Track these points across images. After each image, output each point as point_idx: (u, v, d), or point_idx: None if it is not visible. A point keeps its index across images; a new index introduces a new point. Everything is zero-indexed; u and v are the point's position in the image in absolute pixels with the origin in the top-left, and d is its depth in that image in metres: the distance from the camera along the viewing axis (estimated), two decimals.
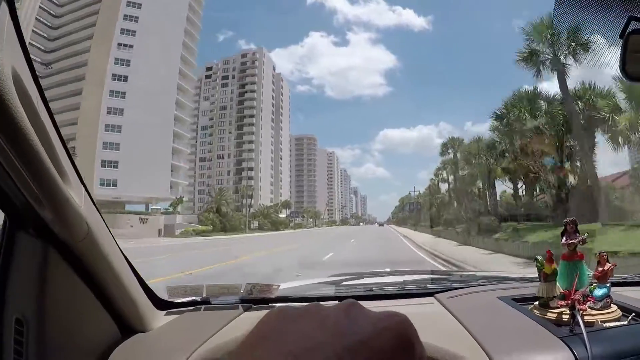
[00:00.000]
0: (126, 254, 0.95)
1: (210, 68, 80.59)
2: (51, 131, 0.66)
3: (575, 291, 0.93)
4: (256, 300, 1.22)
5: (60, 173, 0.68)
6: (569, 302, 0.91)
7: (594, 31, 0.68)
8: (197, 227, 38.71)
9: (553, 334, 0.86)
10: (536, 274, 1.12)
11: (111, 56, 43.79)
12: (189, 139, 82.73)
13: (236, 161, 74.83)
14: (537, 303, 1.01)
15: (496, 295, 1.17)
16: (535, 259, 1.01)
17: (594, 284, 0.97)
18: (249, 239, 28.02)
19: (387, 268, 4.50)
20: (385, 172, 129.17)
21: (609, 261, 0.98)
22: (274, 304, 1.20)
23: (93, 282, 0.85)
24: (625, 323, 0.89)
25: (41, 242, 0.77)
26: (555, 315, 0.94)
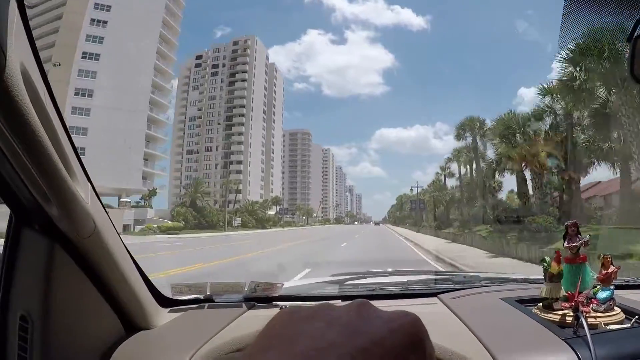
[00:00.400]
0: None
1: (200, 56, 75.36)
2: (59, 128, 0.66)
3: (578, 293, 0.94)
4: (259, 298, 1.24)
5: (67, 170, 0.68)
6: (573, 304, 0.93)
7: (603, 34, 0.70)
8: (166, 224, 33.31)
9: (557, 336, 0.88)
10: (538, 276, 1.17)
11: (82, 32, 38.01)
12: (177, 131, 76.43)
13: (224, 154, 69.71)
14: (541, 305, 1.02)
15: (499, 296, 1.19)
16: (542, 259, 1.02)
17: (598, 287, 0.99)
18: (223, 239, 24.48)
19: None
20: (381, 171, 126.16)
21: (613, 264, 1.00)
22: (278, 303, 1.23)
23: (98, 279, 0.86)
24: (628, 326, 0.92)
25: (47, 239, 0.77)
26: (558, 317, 0.95)
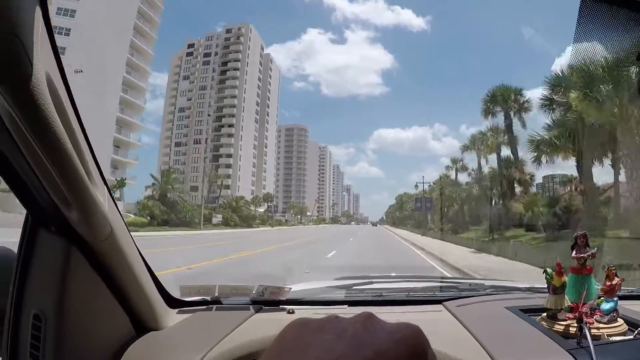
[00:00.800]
0: None
1: (192, 45, 70.71)
2: (79, 133, 0.68)
3: (582, 304, 0.97)
4: (267, 301, 1.26)
5: (87, 174, 0.70)
6: (577, 315, 0.95)
7: (612, 51, 0.68)
8: (128, 218, 28.54)
9: (560, 346, 0.90)
10: (543, 285, 1.16)
11: (54, 5, 33.23)
12: (166, 122, 71.12)
13: (214, 147, 64.99)
14: (545, 314, 1.04)
15: (504, 305, 1.20)
16: (544, 271, 1.03)
17: (602, 298, 1.01)
18: (189, 240, 21.22)
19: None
20: (378, 172, 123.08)
21: (617, 275, 1.02)
22: (285, 306, 1.24)
23: (111, 281, 0.88)
24: (631, 337, 0.93)
25: (63, 241, 0.79)
26: (562, 327, 0.97)
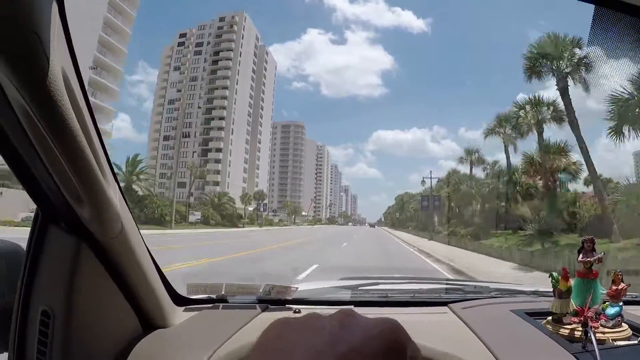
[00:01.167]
0: None
1: (184, 34, 66.22)
2: (92, 130, 0.69)
3: (588, 308, 0.98)
4: (273, 301, 1.26)
5: (101, 171, 0.70)
6: (582, 319, 0.96)
7: (626, 60, 0.67)
8: None
9: (566, 350, 0.91)
10: (548, 289, 1.16)
11: None
12: (155, 115, 66.03)
13: (203, 140, 60.52)
14: (550, 318, 1.05)
15: (509, 308, 1.21)
16: (550, 275, 1.05)
17: (607, 302, 1.02)
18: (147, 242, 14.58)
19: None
20: (377, 173, 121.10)
21: (624, 281, 1.03)
22: (291, 306, 1.25)
23: (120, 278, 0.89)
24: (635, 342, 0.95)
25: (74, 238, 0.79)
26: (567, 331, 0.98)
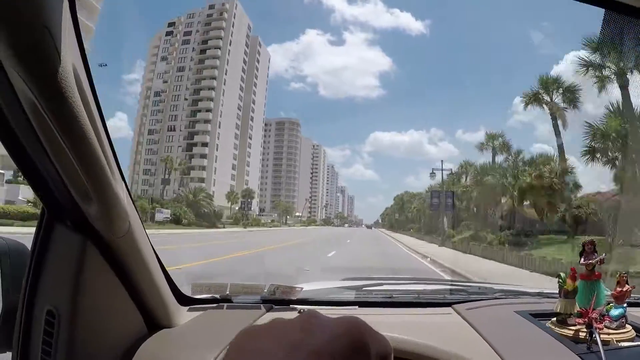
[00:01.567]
0: None
1: (172, 23, 61.82)
2: (101, 127, 0.69)
3: (592, 310, 1.00)
4: (277, 301, 1.26)
5: (110, 169, 0.70)
6: (586, 321, 0.98)
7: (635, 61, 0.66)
8: (22, 207, 22.59)
9: (571, 351, 0.92)
10: (552, 290, 1.18)
11: None
12: (142, 108, 60.90)
13: (188, 134, 56.01)
14: (555, 319, 1.07)
15: (514, 309, 1.22)
16: (558, 275, 1.06)
17: (611, 304, 1.04)
18: None
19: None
20: (374, 175, 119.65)
21: (628, 283, 1.05)
22: (295, 306, 1.25)
23: (126, 278, 0.89)
24: (639, 344, 0.97)
25: (80, 236, 0.78)
26: (572, 332, 1.00)
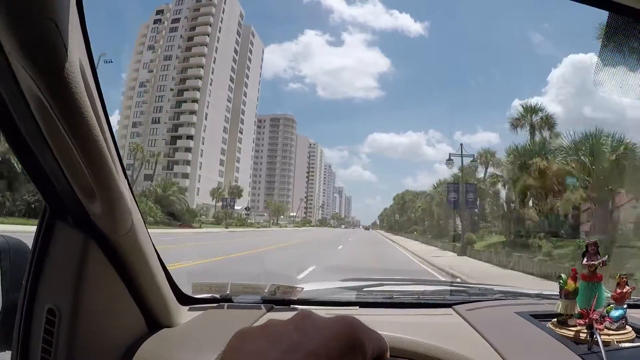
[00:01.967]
0: None
1: (160, 11, 57.09)
2: (105, 123, 0.69)
3: (593, 311, 1.01)
4: (278, 301, 1.26)
5: (114, 166, 0.70)
6: (587, 321, 0.99)
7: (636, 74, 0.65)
8: None
9: (572, 351, 0.94)
10: (551, 291, 1.20)
11: None
12: (126, 100, 56.06)
13: (172, 126, 51.12)
14: (555, 320, 1.08)
15: (514, 310, 1.23)
16: (558, 276, 1.08)
17: (611, 305, 1.06)
18: None
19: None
20: (371, 176, 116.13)
21: (628, 284, 1.07)
22: (296, 306, 1.25)
23: (127, 276, 0.88)
24: (639, 344, 0.99)
25: (82, 235, 0.78)
26: (573, 333, 1.01)
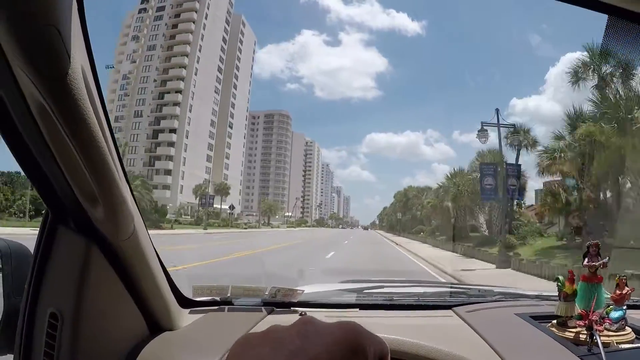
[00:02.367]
0: None
1: (146, 0, 51.82)
2: (107, 129, 0.70)
3: (592, 312, 1.03)
4: (278, 303, 1.27)
5: (117, 171, 0.71)
6: (587, 323, 1.01)
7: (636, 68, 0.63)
8: None
9: (572, 353, 0.95)
10: (551, 292, 1.21)
11: None
12: (110, 93, 50.87)
13: (155, 119, 46.66)
14: (555, 322, 1.09)
15: (514, 311, 1.24)
16: (556, 279, 1.09)
17: (611, 306, 1.07)
18: None
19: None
20: (370, 176, 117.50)
21: (628, 285, 1.08)
22: (296, 308, 1.26)
23: (129, 280, 0.90)
24: (639, 345, 1.00)
25: (84, 239, 0.79)
26: (573, 334, 1.03)
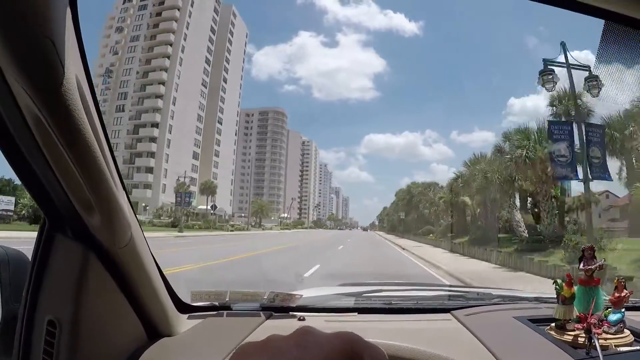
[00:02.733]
0: None
1: None
2: (103, 138, 0.70)
3: (591, 315, 1.04)
4: (277, 308, 1.26)
5: (112, 179, 0.71)
6: (585, 326, 1.01)
7: (634, 72, 0.64)
8: None
9: (570, 356, 0.96)
10: (549, 295, 1.20)
11: None
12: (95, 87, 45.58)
13: (136, 113, 42.54)
14: (554, 325, 1.10)
15: (512, 314, 1.25)
16: (554, 282, 1.09)
17: (609, 309, 1.08)
18: None
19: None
20: (368, 177, 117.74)
21: (626, 287, 1.09)
22: (295, 313, 1.25)
23: (127, 287, 0.90)
24: (638, 348, 1.01)
25: (81, 247, 0.79)
26: (571, 337, 1.04)
